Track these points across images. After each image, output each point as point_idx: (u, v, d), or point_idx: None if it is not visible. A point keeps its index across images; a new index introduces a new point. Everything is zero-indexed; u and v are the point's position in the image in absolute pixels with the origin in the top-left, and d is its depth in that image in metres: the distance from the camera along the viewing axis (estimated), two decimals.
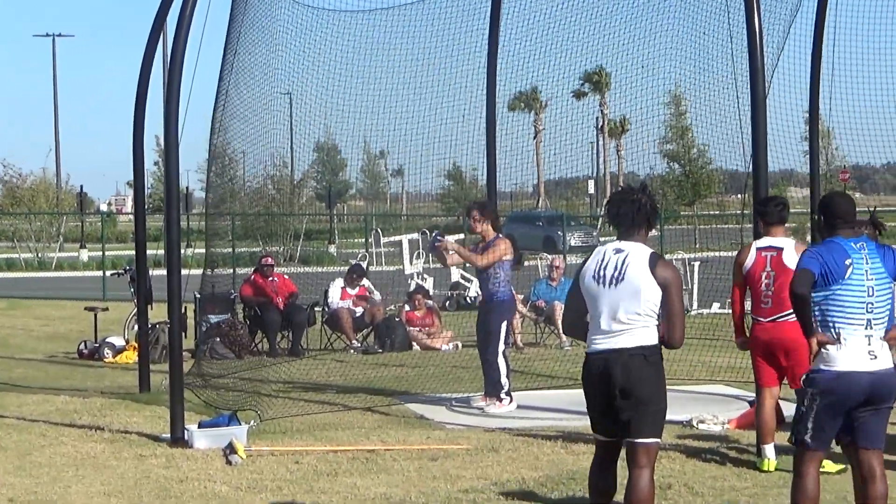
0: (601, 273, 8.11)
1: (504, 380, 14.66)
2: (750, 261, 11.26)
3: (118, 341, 20.55)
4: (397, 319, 22.30)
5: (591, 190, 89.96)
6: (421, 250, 31.12)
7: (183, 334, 19.75)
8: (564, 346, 21.52)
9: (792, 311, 8.25)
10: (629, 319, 7.99)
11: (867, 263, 8.05)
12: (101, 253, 41.48)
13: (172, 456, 12.25)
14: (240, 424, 12.77)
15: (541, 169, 55.24)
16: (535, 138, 49.94)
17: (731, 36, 13.04)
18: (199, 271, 19.62)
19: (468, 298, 28.18)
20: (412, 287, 25.30)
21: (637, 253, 8.09)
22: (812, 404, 8.05)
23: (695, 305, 27.41)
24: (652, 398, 7.99)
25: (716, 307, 26.30)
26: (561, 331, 21.76)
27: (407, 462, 11.86)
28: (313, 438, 13.07)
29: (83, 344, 20.91)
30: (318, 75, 17.73)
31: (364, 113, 18.12)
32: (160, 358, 18.99)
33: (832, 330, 7.98)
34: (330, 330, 22.04)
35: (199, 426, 12.75)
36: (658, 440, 8.11)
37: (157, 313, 17.64)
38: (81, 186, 69.08)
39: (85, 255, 55.09)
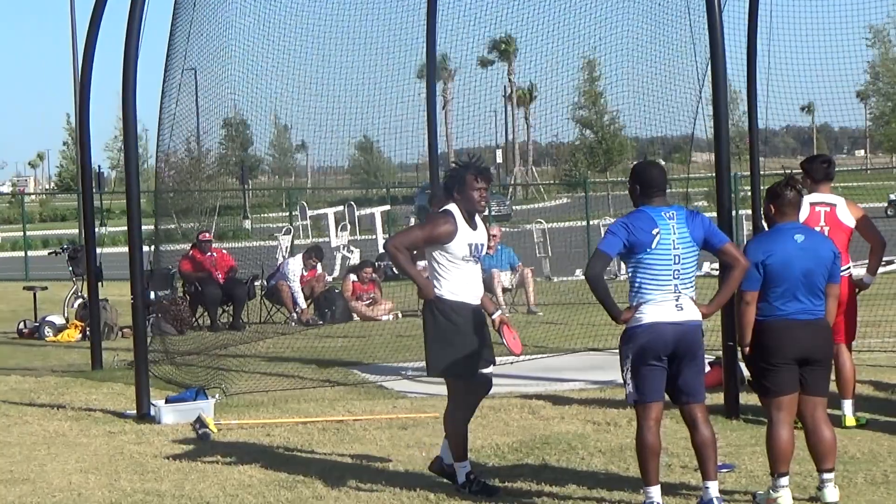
0: None
1: None
2: (803, 215, 10.71)
3: (58, 320, 20.40)
4: (336, 291, 22.32)
5: (500, 159, 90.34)
6: (346, 222, 31.14)
7: (117, 311, 19.81)
8: (504, 312, 21.60)
9: (845, 266, 8.43)
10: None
11: (674, 233, 8.47)
12: (12, 234, 40.94)
13: (142, 432, 12.22)
14: (206, 399, 12.76)
15: (450, 138, 55.35)
16: (443, 108, 49.96)
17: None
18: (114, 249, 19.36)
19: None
20: (351, 260, 25.26)
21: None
22: (627, 358, 8.55)
23: (622, 270, 27.56)
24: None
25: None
26: (500, 298, 21.95)
27: (378, 431, 11.94)
28: (280, 411, 13.09)
29: (23, 323, 20.73)
30: (222, 48, 17.38)
31: (271, 85, 17.96)
32: (103, 335, 18.88)
33: (641, 293, 8.48)
34: (270, 303, 22.02)
35: (167, 401, 12.72)
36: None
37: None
38: None
39: None
